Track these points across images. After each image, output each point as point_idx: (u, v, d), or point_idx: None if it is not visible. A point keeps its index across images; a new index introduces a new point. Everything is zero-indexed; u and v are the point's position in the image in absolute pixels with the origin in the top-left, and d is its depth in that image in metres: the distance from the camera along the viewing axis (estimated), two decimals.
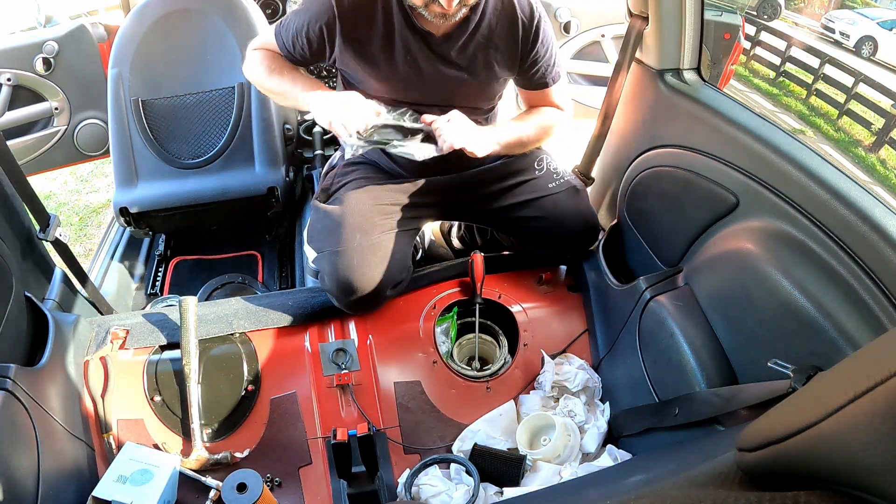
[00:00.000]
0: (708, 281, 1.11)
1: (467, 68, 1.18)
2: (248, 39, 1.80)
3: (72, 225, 3.09)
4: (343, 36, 1.14)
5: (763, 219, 1.00)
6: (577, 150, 1.53)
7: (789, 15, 7.09)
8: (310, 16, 1.14)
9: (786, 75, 6.51)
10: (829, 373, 0.45)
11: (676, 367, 1.08)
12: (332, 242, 1.25)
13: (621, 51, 1.30)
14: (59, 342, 1.15)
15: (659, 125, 1.29)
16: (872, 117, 5.49)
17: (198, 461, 1.18)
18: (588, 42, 2.23)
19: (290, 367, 1.30)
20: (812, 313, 0.86)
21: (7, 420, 0.93)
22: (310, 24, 1.15)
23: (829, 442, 0.37)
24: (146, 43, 1.79)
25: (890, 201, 0.83)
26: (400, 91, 1.20)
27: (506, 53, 1.18)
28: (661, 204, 1.29)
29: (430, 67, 1.17)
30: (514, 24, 1.15)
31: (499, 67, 1.20)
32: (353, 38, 1.14)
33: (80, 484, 1.06)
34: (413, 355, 1.34)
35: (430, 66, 1.17)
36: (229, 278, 1.90)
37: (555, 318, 1.43)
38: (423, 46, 1.14)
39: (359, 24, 1.13)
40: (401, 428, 1.27)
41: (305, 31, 1.16)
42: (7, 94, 1.96)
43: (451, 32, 1.14)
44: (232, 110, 1.82)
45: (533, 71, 1.22)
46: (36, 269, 1.28)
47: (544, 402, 1.31)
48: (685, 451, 0.89)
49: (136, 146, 1.80)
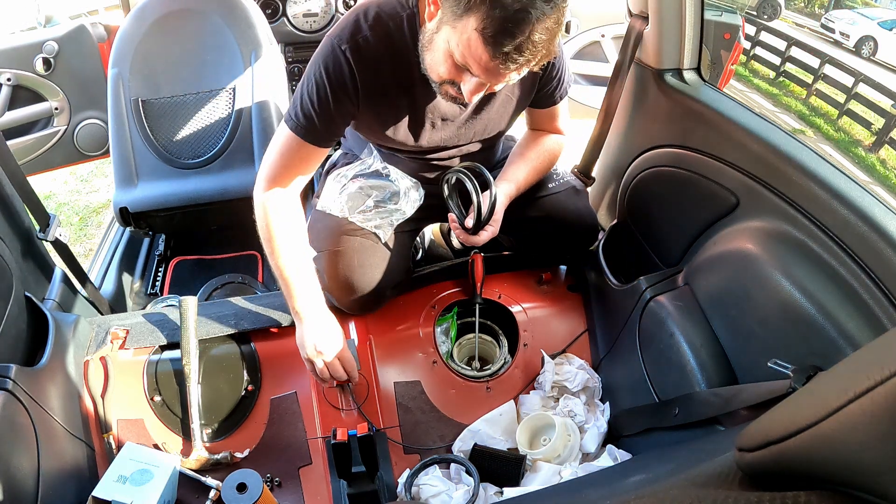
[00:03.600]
0: (708, 281, 1.11)
1: (486, 110, 1.16)
2: (249, 39, 1.83)
3: (72, 225, 3.09)
4: (364, 96, 1.06)
5: (763, 219, 1.00)
6: (577, 150, 1.53)
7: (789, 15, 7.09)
8: (328, 77, 1.03)
9: (786, 75, 6.52)
10: (829, 373, 0.45)
11: (676, 367, 1.08)
12: (332, 242, 1.25)
13: (621, 51, 1.30)
14: (59, 342, 1.14)
15: (659, 125, 1.29)
16: (872, 117, 5.49)
17: (198, 461, 1.18)
18: (588, 42, 2.24)
19: (290, 367, 1.30)
20: (812, 313, 0.86)
21: (7, 420, 0.93)
22: (333, 85, 1.04)
23: (829, 442, 0.37)
24: (146, 43, 1.79)
25: (890, 201, 0.83)
26: (421, 143, 1.18)
27: (525, 87, 1.17)
28: (661, 204, 1.29)
29: (449, 118, 1.15)
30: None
31: (518, 101, 1.19)
32: (373, 98, 1.08)
33: (80, 484, 1.06)
34: (413, 355, 1.34)
35: (452, 113, 1.15)
36: (229, 278, 1.90)
37: (555, 318, 1.43)
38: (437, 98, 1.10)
39: (376, 83, 1.06)
40: (401, 428, 1.27)
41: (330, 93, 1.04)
42: (7, 94, 1.96)
43: None
44: (232, 110, 1.82)
45: (544, 91, 1.20)
46: (36, 269, 1.28)
47: (544, 402, 1.31)
48: (685, 451, 0.89)
49: (136, 146, 1.80)
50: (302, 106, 1.07)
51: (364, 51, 1.02)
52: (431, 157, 1.25)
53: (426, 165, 1.28)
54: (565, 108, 1.28)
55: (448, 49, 0.91)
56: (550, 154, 1.30)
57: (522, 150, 1.29)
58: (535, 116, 1.30)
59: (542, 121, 1.30)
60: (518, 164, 1.27)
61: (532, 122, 1.33)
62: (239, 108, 1.82)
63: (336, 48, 1.03)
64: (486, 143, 1.28)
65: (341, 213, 1.26)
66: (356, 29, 1.03)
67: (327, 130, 1.09)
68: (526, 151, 1.29)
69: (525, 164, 1.27)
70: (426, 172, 1.29)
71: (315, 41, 2.32)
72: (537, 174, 1.29)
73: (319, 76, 1.04)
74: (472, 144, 1.26)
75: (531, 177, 1.27)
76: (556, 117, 1.28)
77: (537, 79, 1.16)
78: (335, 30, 1.05)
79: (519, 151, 1.30)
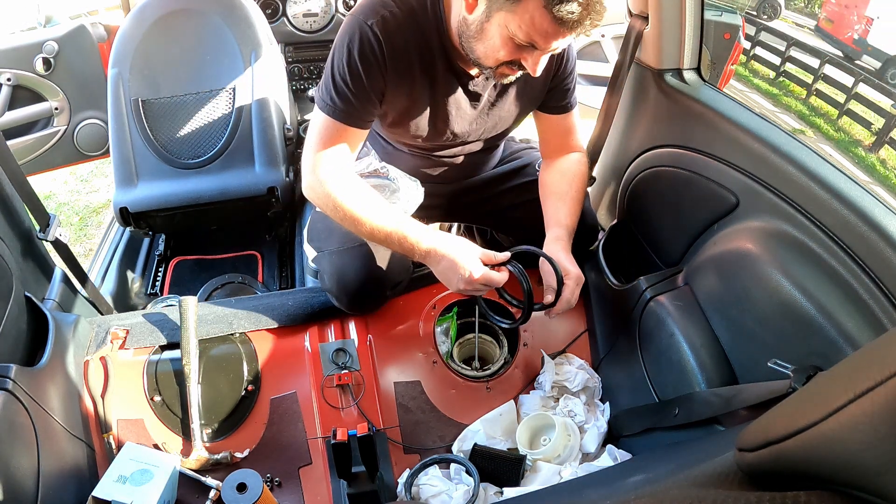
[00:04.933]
0: (708, 281, 1.11)
1: (499, 105, 1.16)
2: (249, 39, 1.83)
3: (72, 225, 3.09)
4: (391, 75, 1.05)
5: (763, 219, 1.00)
6: None
7: (789, 15, 7.09)
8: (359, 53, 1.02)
9: (786, 75, 6.52)
10: (829, 373, 0.45)
11: (676, 367, 1.08)
12: (331, 242, 1.25)
13: (621, 51, 1.30)
14: (59, 342, 1.14)
15: (659, 125, 1.29)
16: (872, 117, 5.49)
17: (198, 461, 1.18)
18: (588, 42, 2.24)
19: (290, 367, 1.30)
20: (812, 313, 0.86)
21: (7, 420, 0.93)
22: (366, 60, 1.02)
23: (829, 442, 0.37)
24: (146, 43, 1.79)
25: (890, 201, 0.83)
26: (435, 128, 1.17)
27: (537, 85, 1.17)
28: (661, 204, 1.29)
29: (463, 111, 1.15)
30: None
31: (529, 99, 1.19)
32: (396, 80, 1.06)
33: (80, 484, 1.06)
34: (413, 355, 1.34)
35: (464, 110, 1.15)
36: (229, 278, 1.90)
37: (555, 318, 1.42)
38: (458, 87, 1.11)
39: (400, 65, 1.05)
40: (401, 428, 1.27)
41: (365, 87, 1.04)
42: (7, 94, 1.96)
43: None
44: (232, 110, 1.82)
45: (558, 89, 1.20)
46: (36, 269, 1.28)
47: (544, 402, 1.31)
48: (685, 451, 0.89)
49: (136, 146, 1.80)
50: (336, 88, 1.05)
51: (392, 25, 1.01)
52: (437, 154, 1.25)
53: (430, 161, 1.27)
54: (577, 120, 1.27)
55: (507, 33, 0.93)
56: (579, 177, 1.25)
57: (551, 189, 1.25)
58: (551, 134, 1.27)
59: (559, 136, 1.27)
60: (554, 204, 1.22)
61: (548, 141, 1.29)
62: (239, 108, 1.82)
63: (363, 24, 1.01)
64: (489, 143, 1.27)
65: None
66: (382, 4, 1.02)
67: (364, 110, 1.07)
68: (557, 186, 1.24)
69: (561, 201, 1.21)
70: (429, 169, 1.29)
71: (315, 41, 2.33)
72: (578, 204, 1.23)
73: (349, 54, 1.02)
74: (476, 143, 1.25)
75: (572, 207, 1.21)
76: (573, 130, 1.26)
77: (549, 75, 1.16)
78: (358, 8, 1.04)
79: (548, 192, 1.25)
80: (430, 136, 1.18)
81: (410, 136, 1.18)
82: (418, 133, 1.17)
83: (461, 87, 1.12)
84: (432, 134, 1.17)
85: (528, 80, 1.13)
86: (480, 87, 1.13)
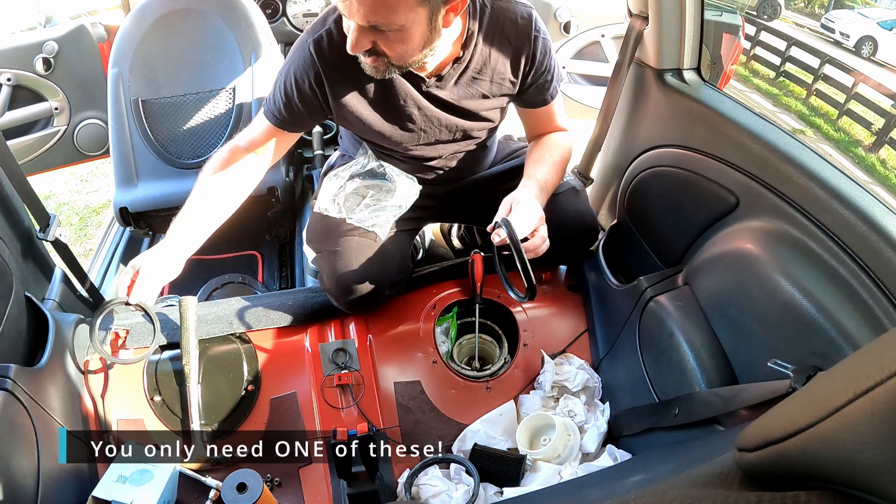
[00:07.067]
0: (708, 281, 1.11)
1: (463, 106, 1.15)
2: (249, 39, 1.83)
3: (72, 225, 3.09)
4: (331, 89, 1.10)
5: (763, 219, 0.99)
6: (576, 150, 1.52)
7: (789, 15, 7.08)
8: (294, 72, 1.10)
9: (786, 75, 6.51)
10: (829, 373, 0.45)
11: (676, 367, 1.08)
12: (330, 242, 1.25)
13: (621, 51, 1.29)
14: (59, 342, 1.14)
15: (659, 125, 1.29)
16: (872, 117, 5.49)
17: (198, 461, 1.18)
18: (588, 42, 2.23)
19: (290, 367, 1.30)
20: (812, 313, 0.86)
21: (7, 420, 0.93)
22: (298, 81, 1.10)
23: (829, 442, 0.37)
24: (146, 43, 1.79)
25: (890, 201, 0.83)
26: (403, 138, 1.18)
27: (503, 81, 1.14)
28: (661, 204, 1.29)
29: (426, 111, 1.14)
30: (510, 48, 1.10)
31: (496, 97, 1.16)
32: (341, 91, 1.11)
33: (80, 484, 1.06)
34: (413, 355, 1.34)
35: (427, 110, 1.14)
36: (229, 278, 1.90)
37: (555, 318, 1.43)
38: (412, 90, 1.11)
39: (343, 77, 1.09)
40: (401, 428, 1.27)
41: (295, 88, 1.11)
42: (7, 94, 1.96)
43: (441, 72, 1.10)
44: (232, 110, 1.82)
45: (532, 90, 1.18)
46: (36, 269, 1.28)
47: (544, 402, 1.31)
48: (685, 451, 0.89)
49: (135, 146, 1.80)
50: (275, 95, 1.15)
51: (326, 43, 1.07)
52: (421, 156, 1.25)
53: (420, 166, 1.27)
54: (560, 107, 1.26)
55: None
56: (560, 146, 1.25)
57: (531, 155, 1.25)
58: (533, 122, 1.28)
59: (541, 124, 1.28)
60: (532, 165, 1.22)
61: (531, 129, 1.30)
62: (239, 108, 1.82)
63: (304, 42, 1.09)
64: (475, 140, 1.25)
65: (338, 214, 1.26)
66: (321, 24, 1.09)
67: (294, 121, 1.17)
68: (534, 153, 1.25)
69: (539, 164, 1.21)
70: (422, 174, 1.29)
71: None
72: (556, 167, 1.22)
73: (287, 71, 1.12)
74: (461, 143, 1.24)
75: (550, 170, 1.20)
76: (554, 117, 1.26)
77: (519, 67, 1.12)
78: (310, 24, 1.12)
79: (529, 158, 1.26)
80: (403, 138, 1.18)
81: (384, 140, 1.19)
82: (390, 136, 1.17)
83: (416, 88, 1.11)
84: (405, 136, 1.18)
85: (483, 72, 1.12)
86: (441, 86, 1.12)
